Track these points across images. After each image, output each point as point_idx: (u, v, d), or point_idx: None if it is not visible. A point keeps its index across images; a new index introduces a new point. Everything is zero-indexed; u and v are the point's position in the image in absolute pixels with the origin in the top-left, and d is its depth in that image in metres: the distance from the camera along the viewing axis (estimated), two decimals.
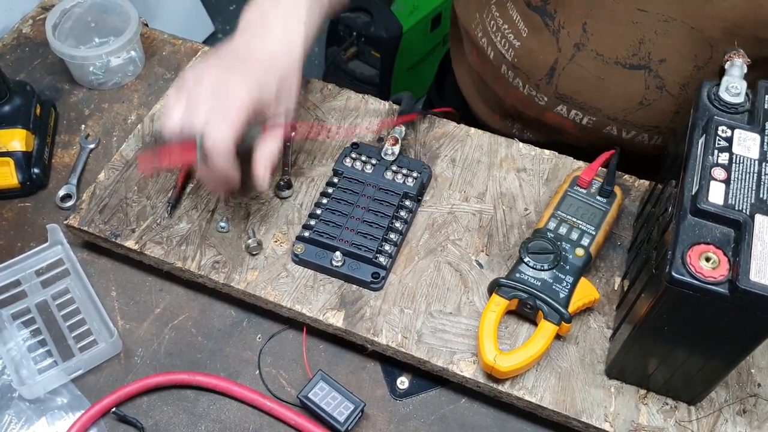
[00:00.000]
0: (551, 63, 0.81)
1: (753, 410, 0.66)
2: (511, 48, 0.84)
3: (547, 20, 0.79)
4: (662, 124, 0.81)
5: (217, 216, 0.78)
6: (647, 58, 0.75)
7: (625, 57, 0.76)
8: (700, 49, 0.73)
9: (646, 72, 0.77)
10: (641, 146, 0.84)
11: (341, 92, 0.89)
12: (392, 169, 0.78)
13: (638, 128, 0.82)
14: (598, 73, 0.78)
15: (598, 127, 0.84)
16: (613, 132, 0.83)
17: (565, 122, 0.86)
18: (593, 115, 0.83)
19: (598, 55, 0.78)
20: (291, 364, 0.72)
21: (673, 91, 0.77)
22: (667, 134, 0.82)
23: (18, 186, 0.82)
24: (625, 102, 0.80)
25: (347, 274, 0.72)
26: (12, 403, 0.69)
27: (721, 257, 0.52)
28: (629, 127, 0.82)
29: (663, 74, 0.76)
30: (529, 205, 0.79)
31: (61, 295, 0.76)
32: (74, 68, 0.92)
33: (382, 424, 0.68)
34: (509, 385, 0.66)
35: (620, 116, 0.81)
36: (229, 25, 2.31)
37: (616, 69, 0.77)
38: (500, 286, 0.69)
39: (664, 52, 0.75)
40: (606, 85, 0.79)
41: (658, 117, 0.80)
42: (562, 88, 0.82)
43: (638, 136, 0.83)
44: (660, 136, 0.82)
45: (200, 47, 0.96)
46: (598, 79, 0.79)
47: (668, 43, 0.74)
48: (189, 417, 0.69)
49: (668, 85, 0.77)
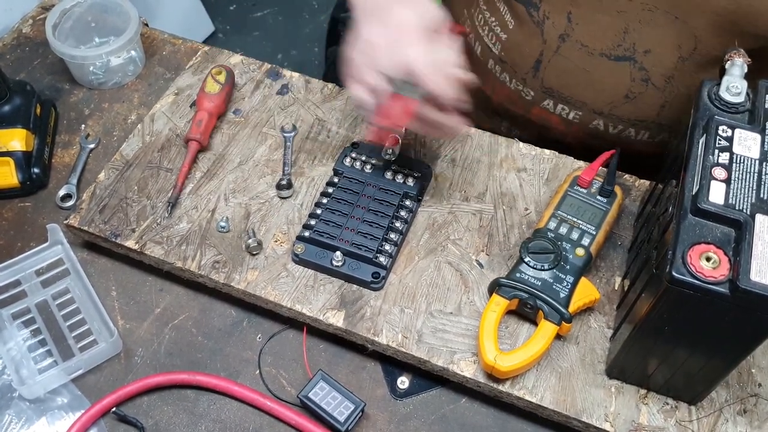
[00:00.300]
0: (537, 55, 0.81)
1: (753, 410, 0.66)
2: (498, 41, 0.84)
3: (531, 11, 0.79)
4: (648, 119, 0.81)
5: (217, 216, 0.78)
6: (632, 49, 0.76)
7: (609, 48, 0.77)
8: (684, 40, 0.73)
9: (631, 63, 0.77)
10: (628, 142, 0.84)
11: (341, 92, 0.89)
12: (392, 168, 0.78)
13: (624, 123, 0.82)
14: (583, 65, 0.79)
15: (584, 122, 0.84)
16: (600, 127, 0.83)
17: (551, 118, 0.86)
18: (579, 110, 0.83)
19: (582, 47, 0.78)
20: (291, 364, 0.72)
21: (659, 84, 0.77)
22: (654, 129, 0.83)
23: (18, 186, 0.82)
24: (610, 95, 0.80)
25: (347, 273, 0.72)
26: (12, 402, 0.69)
27: (721, 257, 0.52)
28: (615, 121, 0.82)
29: (648, 66, 0.77)
30: (530, 205, 0.79)
31: (61, 294, 0.76)
32: (74, 68, 0.92)
33: (382, 424, 0.68)
34: (509, 384, 0.66)
35: (606, 110, 0.82)
36: (229, 25, 2.31)
37: (601, 61, 0.78)
38: (500, 286, 0.69)
39: (648, 42, 0.75)
40: (592, 78, 0.80)
41: (644, 111, 0.80)
42: (548, 82, 0.82)
43: (625, 131, 0.83)
44: (647, 131, 0.83)
45: (200, 47, 0.96)
46: (584, 71, 0.79)
47: (652, 34, 0.74)
48: (189, 417, 0.69)
49: (653, 78, 0.77)
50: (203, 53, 0.94)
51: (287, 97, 0.89)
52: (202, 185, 0.80)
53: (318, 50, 2.24)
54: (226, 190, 0.80)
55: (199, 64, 0.93)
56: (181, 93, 0.89)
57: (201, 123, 0.82)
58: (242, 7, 2.36)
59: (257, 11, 2.36)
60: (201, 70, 0.92)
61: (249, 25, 2.32)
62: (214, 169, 0.82)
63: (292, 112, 0.87)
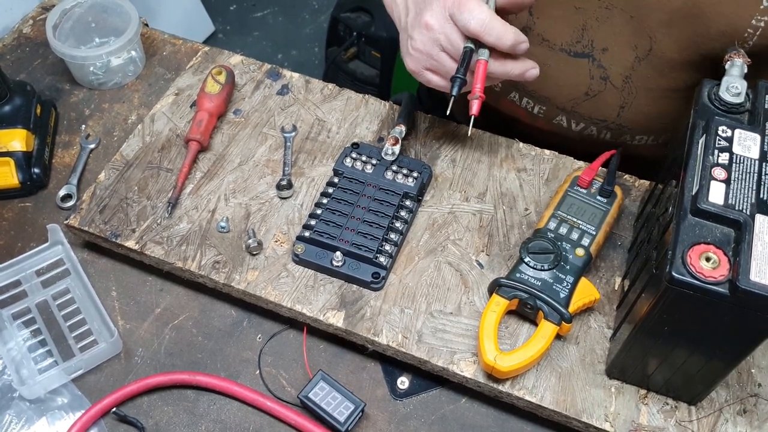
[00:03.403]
0: None
1: (753, 410, 0.66)
2: None
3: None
4: (609, 119, 0.83)
5: (217, 216, 0.78)
6: (590, 46, 0.77)
7: (569, 44, 0.78)
8: (640, 40, 0.74)
9: (589, 61, 0.78)
10: (591, 139, 0.86)
11: (341, 92, 0.90)
12: (392, 168, 0.78)
13: (586, 120, 0.84)
14: (545, 59, 0.80)
15: (548, 116, 0.86)
16: (563, 123, 0.85)
17: (518, 111, 0.88)
18: (543, 104, 0.85)
19: (544, 41, 0.80)
20: (291, 364, 0.72)
21: (617, 83, 0.79)
22: (615, 130, 0.84)
23: (18, 186, 0.82)
24: (571, 91, 0.82)
25: (347, 274, 0.72)
26: (12, 403, 0.69)
27: (721, 257, 0.52)
28: (578, 118, 0.84)
29: (606, 64, 0.78)
30: (530, 205, 0.79)
31: (61, 295, 0.76)
32: (74, 68, 0.92)
33: (382, 424, 0.68)
34: (509, 385, 0.66)
35: (568, 106, 0.83)
36: (229, 25, 2.31)
37: (561, 56, 0.79)
38: (500, 286, 0.69)
39: (605, 40, 0.76)
40: (553, 73, 0.81)
41: (604, 110, 0.82)
42: None
43: (587, 128, 0.85)
44: (608, 131, 0.84)
45: (200, 47, 0.96)
46: (545, 65, 0.80)
47: (609, 32, 0.75)
48: (189, 417, 0.69)
49: (612, 77, 0.79)
50: (203, 53, 0.94)
51: (287, 97, 0.89)
52: (203, 185, 0.80)
53: (318, 50, 2.24)
54: (226, 191, 0.80)
55: (199, 64, 0.93)
56: (182, 93, 0.89)
57: (201, 123, 0.82)
58: (242, 7, 2.37)
59: (257, 11, 2.36)
60: (201, 70, 0.92)
61: (249, 25, 2.32)
62: (215, 170, 0.82)
63: (292, 112, 0.87)
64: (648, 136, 0.85)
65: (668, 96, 0.79)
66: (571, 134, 0.86)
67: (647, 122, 0.83)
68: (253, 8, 2.37)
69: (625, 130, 0.84)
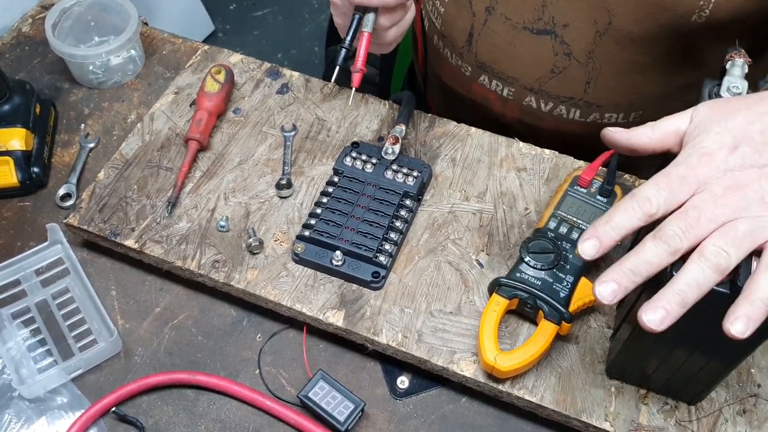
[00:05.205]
0: (469, 28, 0.84)
1: (753, 410, 0.66)
2: (438, 15, 0.89)
3: None
4: (576, 96, 0.84)
5: (216, 215, 0.78)
6: (551, 22, 0.78)
7: (531, 21, 0.79)
8: (599, 14, 0.76)
9: (552, 37, 0.79)
10: (561, 120, 0.87)
11: (341, 91, 0.89)
12: (392, 168, 0.78)
13: (554, 99, 0.85)
14: (508, 38, 0.81)
15: (518, 98, 0.87)
16: (533, 104, 0.86)
17: (489, 95, 0.89)
18: (511, 86, 0.86)
19: (507, 20, 0.81)
20: (291, 364, 0.72)
21: (581, 59, 0.80)
22: (583, 107, 0.85)
23: (18, 185, 0.82)
24: (537, 70, 0.83)
25: (347, 273, 0.72)
26: (12, 402, 0.69)
27: None
28: (546, 97, 0.85)
29: (568, 40, 0.79)
30: (530, 205, 0.79)
31: (60, 294, 0.76)
32: (74, 67, 0.92)
33: (382, 423, 0.68)
34: (509, 384, 0.66)
35: (536, 86, 0.84)
36: (228, 24, 2.31)
37: (524, 35, 0.81)
38: (500, 286, 0.69)
39: (566, 16, 0.77)
40: (518, 52, 0.82)
41: (571, 87, 0.83)
42: (480, 56, 0.86)
43: (556, 108, 0.86)
44: (577, 108, 0.85)
45: (200, 46, 0.96)
46: (511, 45, 0.82)
47: (568, 7, 0.77)
48: (189, 416, 0.69)
49: (575, 53, 0.80)
50: (203, 52, 0.94)
51: (287, 96, 0.89)
52: (202, 184, 0.80)
53: (318, 50, 2.24)
54: (226, 190, 0.80)
55: (198, 63, 0.93)
56: (181, 92, 0.89)
57: (201, 122, 0.82)
58: (242, 7, 2.37)
59: (257, 11, 2.36)
60: (201, 69, 0.92)
61: (249, 25, 2.32)
62: (214, 169, 0.82)
63: (292, 111, 0.87)
64: (617, 114, 0.86)
65: (633, 70, 0.80)
66: (542, 115, 0.87)
67: (615, 98, 0.84)
68: (252, 7, 2.36)
69: (594, 107, 0.85)
